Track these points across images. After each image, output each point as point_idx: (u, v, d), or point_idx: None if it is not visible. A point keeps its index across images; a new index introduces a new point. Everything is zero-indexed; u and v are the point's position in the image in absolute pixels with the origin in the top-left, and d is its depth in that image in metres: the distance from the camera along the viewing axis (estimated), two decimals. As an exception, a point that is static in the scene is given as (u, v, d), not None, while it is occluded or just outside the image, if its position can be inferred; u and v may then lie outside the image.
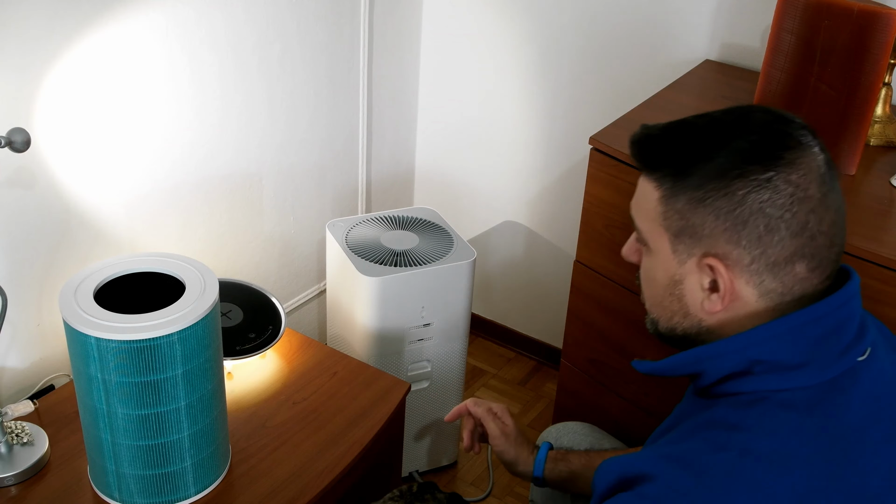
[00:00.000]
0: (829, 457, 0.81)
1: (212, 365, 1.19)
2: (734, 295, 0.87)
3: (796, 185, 0.84)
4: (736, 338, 0.87)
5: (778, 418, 0.83)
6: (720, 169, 0.85)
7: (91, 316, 1.09)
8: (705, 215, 0.86)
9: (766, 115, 0.88)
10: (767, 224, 0.84)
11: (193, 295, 1.15)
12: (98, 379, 1.11)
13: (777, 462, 0.80)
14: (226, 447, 1.31)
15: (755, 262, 0.85)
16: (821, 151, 0.87)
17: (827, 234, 0.86)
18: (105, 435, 1.16)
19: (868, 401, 0.86)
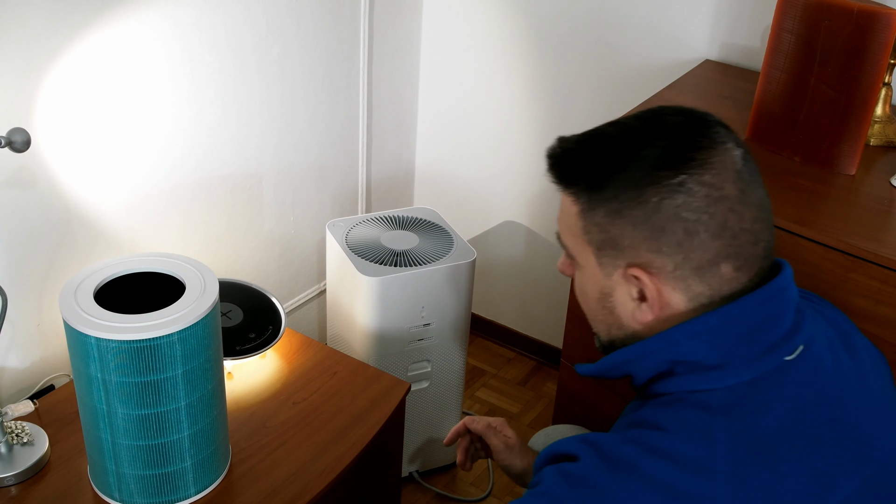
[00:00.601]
0: (741, 461, 0.80)
1: (212, 365, 1.19)
2: (663, 303, 0.86)
3: (710, 185, 0.82)
4: (654, 338, 0.87)
5: (689, 419, 0.83)
6: (632, 178, 0.84)
7: (91, 316, 1.09)
8: (623, 226, 0.85)
9: (677, 117, 0.87)
10: (686, 228, 0.83)
11: (193, 295, 1.15)
12: (98, 379, 1.11)
13: (682, 463, 0.79)
14: (226, 447, 1.31)
15: (679, 267, 0.84)
16: (736, 147, 0.85)
17: (750, 231, 0.84)
18: (105, 435, 1.16)
19: (789, 403, 0.84)
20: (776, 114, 1.44)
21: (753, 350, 0.85)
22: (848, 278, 1.23)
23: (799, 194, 1.33)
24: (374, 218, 1.88)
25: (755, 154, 1.46)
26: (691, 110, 0.89)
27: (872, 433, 0.88)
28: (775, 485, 0.80)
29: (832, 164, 1.39)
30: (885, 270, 1.19)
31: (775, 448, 0.81)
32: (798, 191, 1.34)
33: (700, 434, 0.81)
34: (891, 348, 1.22)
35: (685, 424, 0.82)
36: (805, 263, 1.26)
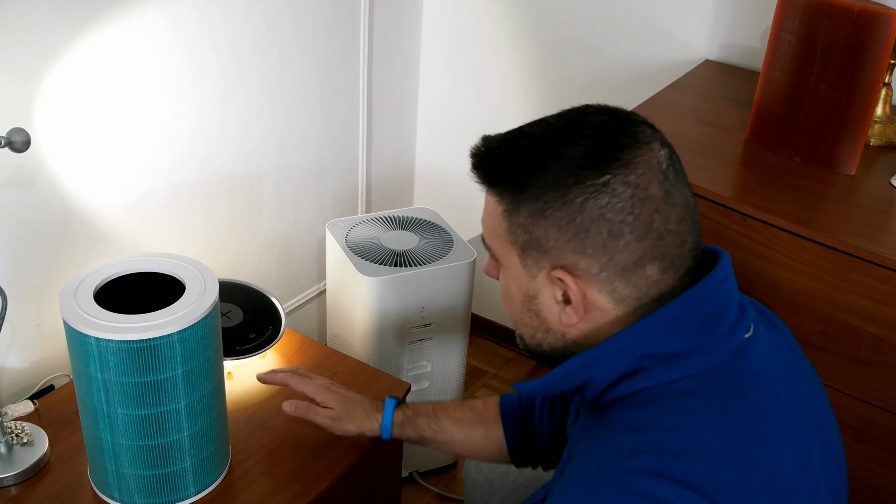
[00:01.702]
0: (740, 441, 0.79)
1: (211, 365, 1.18)
2: (589, 305, 0.85)
3: (635, 185, 0.81)
4: (620, 335, 0.84)
5: (683, 409, 0.81)
6: (556, 178, 0.82)
7: (91, 316, 1.09)
8: (547, 227, 0.83)
9: (601, 116, 0.86)
10: (610, 230, 0.81)
11: (193, 295, 1.15)
12: (98, 379, 1.11)
13: (696, 454, 0.77)
14: (226, 447, 1.31)
15: (604, 269, 0.83)
16: (661, 146, 0.84)
17: (676, 233, 0.83)
18: (105, 435, 1.16)
19: (761, 380, 0.85)
20: (776, 114, 1.44)
21: (718, 332, 0.84)
22: (848, 278, 1.23)
23: (799, 194, 1.33)
24: (374, 218, 1.88)
25: (755, 154, 1.46)
26: (615, 109, 0.87)
27: (817, 399, 0.91)
28: (773, 460, 0.80)
29: (832, 164, 1.39)
30: (885, 270, 1.19)
31: (761, 425, 0.81)
32: (798, 191, 1.34)
33: (701, 421, 0.79)
34: (891, 348, 1.22)
35: (682, 416, 0.80)
36: (805, 263, 1.26)
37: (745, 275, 1.32)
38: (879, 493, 1.31)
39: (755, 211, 1.29)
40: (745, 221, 1.30)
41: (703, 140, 1.49)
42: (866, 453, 1.30)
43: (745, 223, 1.30)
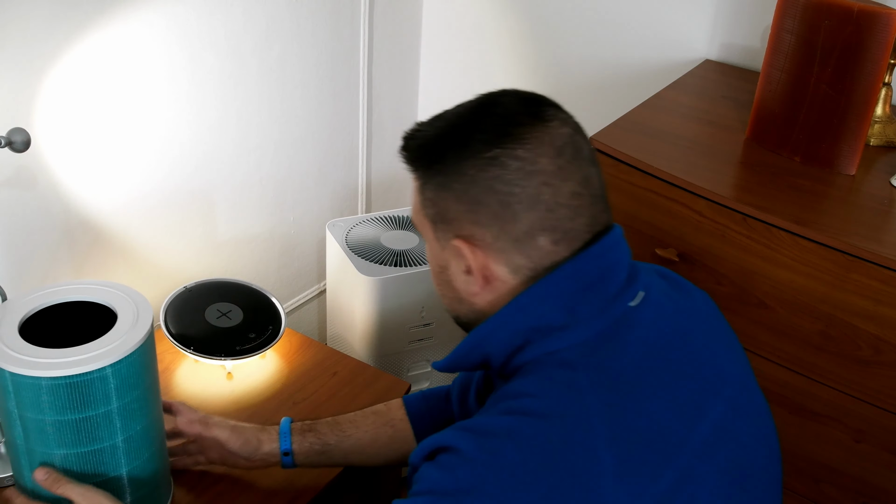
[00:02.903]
0: (610, 403, 0.83)
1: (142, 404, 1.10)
2: (489, 275, 0.90)
3: (523, 159, 0.85)
4: (500, 312, 0.89)
5: (554, 378, 0.85)
6: (457, 154, 0.88)
7: (10, 349, 1.03)
8: (449, 199, 0.89)
9: (508, 98, 0.91)
10: (500, 200, 0.86)
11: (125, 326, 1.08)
12: (15, 415, 1.05)
13: (557, 417, 0.81)
14: (167, 484, 1.25)
15: (498, 239, 0.88)
16: (563, 125, 0.89)
17: (568, 206, 0.87)
18: (27, 472, 1.10)
19: (643, 344, 0.88)
20: (776, 114, 1.44)
21: (597, 302, 0.88)
22: (848, 278, 1.23)
23: (799, 194, 1.34)
24: (375, 218, 1.88)
25: (755, 154, 1.46)
26: (527, 93, 0.92)
27: (723, 361, 0.94)
28: (644, 421, 0.83)
29: (832, 164, 1.39)
30: (885, 270, 1.19)
31: (636, 387, 0.85)
32: (798, 191, 1.34)
33: (567, 389, 0.84)
34: (891, 348, 1.22)
35: (552, 384, 0.85)
36: (805, 263, 1.26)
37: (745, 275, 1.32)
38: (879, 493, 1.31)
39: (755, 211, 1.29)
40: (745, 221, 1.30)
41: (703, 140, 1.49)
42: (866, 453, 1.30)
43: (745, 223, 1.30)
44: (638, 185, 1.41)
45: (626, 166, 1.42)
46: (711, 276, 1.36)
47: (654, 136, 1.49)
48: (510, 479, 0.79)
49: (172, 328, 1.50)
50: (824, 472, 1.35)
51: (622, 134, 1.48)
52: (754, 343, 1.35)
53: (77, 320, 1.14)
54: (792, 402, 1.34)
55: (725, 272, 1.35)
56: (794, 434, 1.36)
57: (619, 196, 1.45)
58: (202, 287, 1.60)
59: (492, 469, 0.80)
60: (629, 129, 1.51)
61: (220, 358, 1.48)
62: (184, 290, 1.58)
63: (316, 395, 1.50)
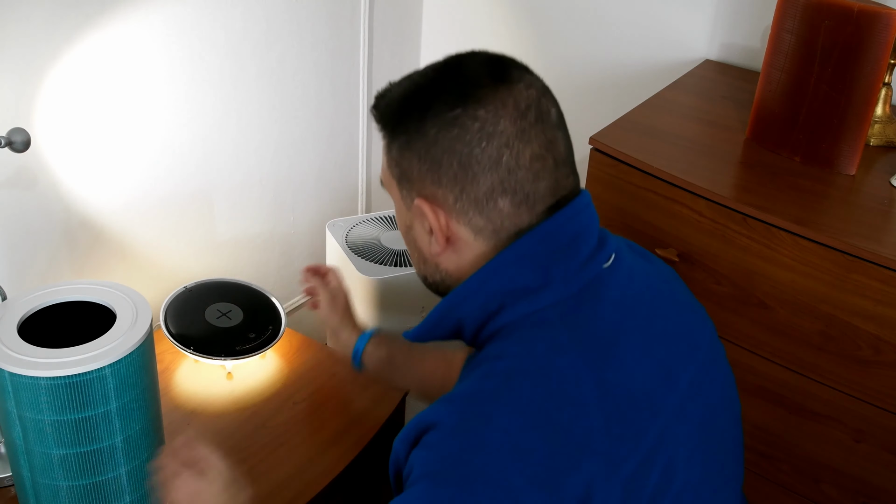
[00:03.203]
0: (592, 360, 0.82)
1: (140, 404, 1.11)
2: (451, 235, 0.90)
3: (484, 119, 0.85)
4: (474, 276, 0.88)
5: (533, 338, 0.84)
6: (420, 113, 0.88)
7: (10, 350, 1.03)
8: (411, 159, 0.89)
9: (475, 59, 0.91)
10: (460, 161, 0.86)
11: (124, 326, 1.08)
12: (15, 415, 1.05)
13: (543, 376, 0.81)
14: None
15: (458, 200, 0.87)
16: (528, 87, 0.88)
17: (529, 169, 0.86)
18: (25, 472, 1.10)
19: (618, 305, 0.88)
20: (776, 114, 1.44)
21: (572, 264, 0.87)
22: (848, 278, 1.23)
23: (799, 194, 1.33)
24: (374, 218, 1.88)
25: (755, 154, 1.46)
26: (495, 54, 0.92)
27: (692, 325, 0.95)
28: (627, 380, 0.83)
29: (832, 164, 1.39)
30: (885, 270, 1.19)
31: (615, 345, 0.85)
32: (798, 191, 1.34)
33: (550, 347, 0.83)
34: (891, 348, 1.22)
35: (532, 343, 0.84)
36: (805, 263, 1.26)
37: (745, 275, 1.32)
38: (879, 493, 1.31)
39: (755, 211, 1.29)
40: (745, 221, 1.30)
41: (703, 140, 1.49)
42: (866, 453, 1.30)
43: (745, 223, 1.30)
44: (638, 185, 1.41)
45: (626, 166, 1.42)
46: (711, 276, 1.36)
47: (654, 136, 1.49)
48: (501, 444, 0.77)
49: (172, 328, 1.50)
50: (824, 472, 1.35)
51: (622, 134, 1.48)
52: (754, 343, 1.35)
53: (76, 320, 1.14)
54: (792, 402, 1.34)
55: (725, 272, 1.35)
56: (794, 434, 1.36)
57: (619, 196, 1.45)
58: (202, 287, 1.60)
59: (480, 437, 0.77)
60: (629, 129, 1.51)
61: (220, 358, 1.48)
62: (184, 290, 1.58)
63: (316, 395, 1.50)
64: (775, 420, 1.37)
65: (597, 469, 0.77)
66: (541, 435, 0.77)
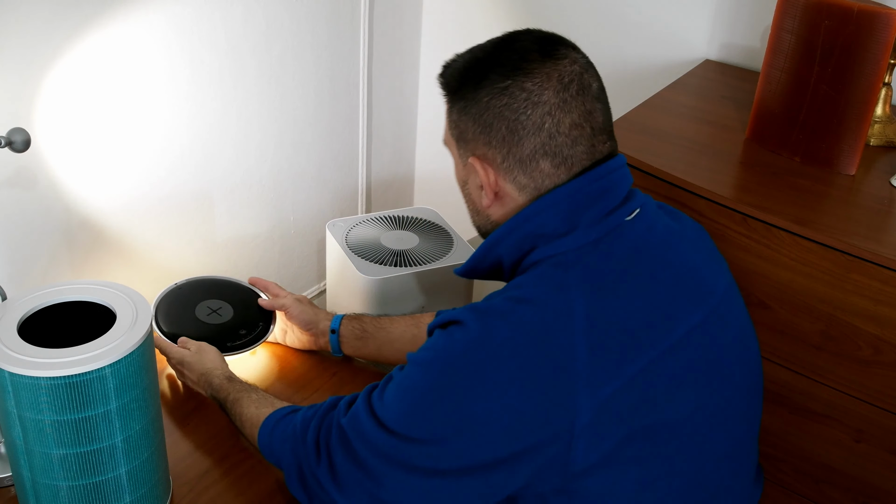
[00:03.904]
0: (593, 298, 0.96)
1: (140, 404, 1.10)
2: (500, 191, 1.05)
3: (530, 90, 0.99)
4: (510, 220, 1.04)
5: (547, 275, 0.99)
6: (476, 83, 1.02)
7: (10, 350, 1.03)
8: (468, 122, 1.04)
9: (527, 36, 1.05)
10: (508, 126, 1.01)
11: (124, 326, 1.08)
12: (15, 415, 1.04)
13: (543, 305, 0.96)
14: (166, 483, 1.25)
15: (506, 160, 1.03)
16: (573, 63, 1.02)
17: (567, 135, 1.01)
18: (25, 472, 1.09)
19: (632, 252, 1.01)
20: (776, 114, 1.44)
21: (596, 214, 1.01)
22: (848, 278, 1.23)
23: (799, 194, 1.33)
24: (375, 218, 1.88)
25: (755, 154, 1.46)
26: (546, 33, 1.06)
27: (706, 276, 1.06)
28: (620, 316, 0.97)
29: (832, 164, 1.39)
30: (885, 270, 1.19)
31: (619, 283, 0.98)
32: (798, 191, 1.34)
33: (557, 285, 0.97)
34: (891, 348, 1.22)
35: (544, 279, 0.99)
36: (805, 263, 1.26)
37: (745, 275, 1.32)
38: (879, 493, 1.31)
39: (755, 211, 1.29)
40: (745, 221, 1.30)
41: (703, 140, 1.49)
42: (866, 453, 1.30)
43: (745, 223, 1.30)
44: (638, 185, 1.41)
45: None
46: (711, 276, 1.36)
47: (654, 136, 1.49)
48: (496, 350, 0.94)
49: (163, 325, 1.50)
50: (824, 472, 1.35)
51: (622, 134, 1.48)
52: (754, 343, 1.35)
53: (76, 320, 1.14)
54: (792, 402, 1.34)
55: (725, 272, 1.35)
56: (794, 434, 1.36)
57: (618, 196, 1.45)
58: (192, 284, 1.60)
59: (483, 341, 0.95)
60: (629, 129, 1.51)
61: None
62: (174, 288, 1.58)
63: (316, 395, 1.50)
64: (775, 420, 1.37)
65: (576, 388, 0.93)
66: (526, 351, 0.94)
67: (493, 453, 0.94)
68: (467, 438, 0.94)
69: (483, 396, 0.93)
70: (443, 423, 0.95)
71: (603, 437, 0.93)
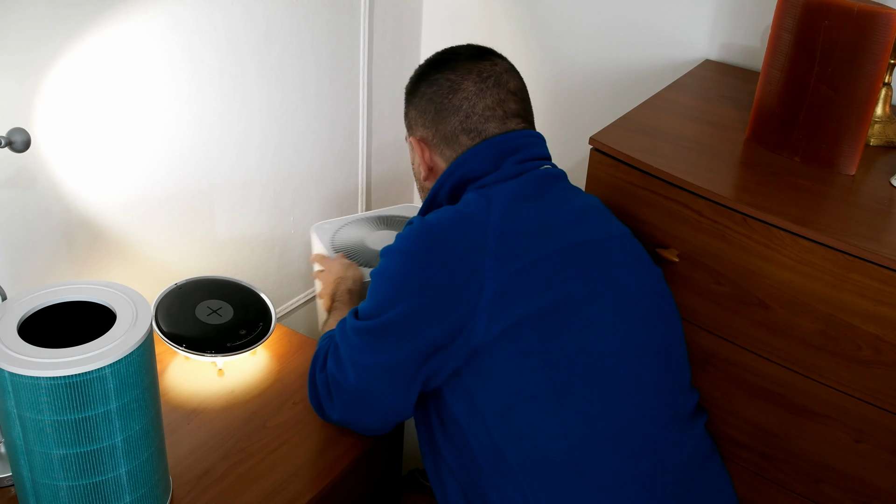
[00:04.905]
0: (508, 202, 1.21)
1: (140, 404, 1.11)
2: (433, 164, 1.33)
3: (453, 80, 1.30)
4: (447, 169, 1.30)
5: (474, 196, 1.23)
6: (418, 80, 1.35)
7: (10, 350, 1.03)
8: (411, 110, 1.35)
9: (465, 47, 1.35)
10: (436, 108, 1.30)
11: (124, 326, 1.08)
12: (15, 415, 1.05)
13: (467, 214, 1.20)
14: (166, 483, 1.25)
15: (435, 137, 1.32)
16: (494, 65, 1.31)
17: (481, 115, 1.29)
18: (25, 472, 1.10)
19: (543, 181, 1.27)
20: (776, 114, 1.44)
21: (517, 158, 1.27)
22: (848, 278, 1.23)
23: (799, 194, 1.33)
24: (362, 219, 1.85)
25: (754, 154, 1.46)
26: (482, 47, 1.36)
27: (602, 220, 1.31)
28: (532, 215, 1.21)
29: (832, 164, 1.39)
30: (885, 270, 1.19)
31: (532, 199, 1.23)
32: (798, 191, 1.34)
33: (481, 201, 1.21)
34: (891, 348, 1.22)
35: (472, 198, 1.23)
36: (805, 263, 1.26)
37: (744, 275, 1.32)
38: (879, 493, 1.31)
39: (755, 211, 1.29)
40: (745, 221, 1.30)
41: (703, 140, 1.49)
42: (866, 453, 1.30)
43: (745, 223, 1.30)
44: (638, 185, 1.41)
45: (626, 166, 1.42)
46: (711, 276, 1.36)
47: (654, 136, 1.49)
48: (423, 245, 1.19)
49: (163, 325, 1.50)
50: (824, 472, 1.35)
51: (622, 134, 1.48)
52: (754, 343, 1.35)
53: (76, 320, 1.14)
54: (792, 402, 1.34)
55: (725, 272, 1.35)
56: (794, 434, 1.36)
57: (618, 196, 1.45)
58: (192, 284, 1.60)
59: (413, 237, 1.20)
60: (629, 129, 1.51)
61: (211, 355, 1.48)
62: (174, 288, 1.58)
63: (316, 395, 1.50)
64: (775, 420, 1.37)
65: (484, 266, 1.15)
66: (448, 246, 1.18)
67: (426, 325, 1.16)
68: (408, 307, 1.16)
69: (417, 271, 1.17)
70: (391, 296, 1.18)
71: (502, 312, 1.14)
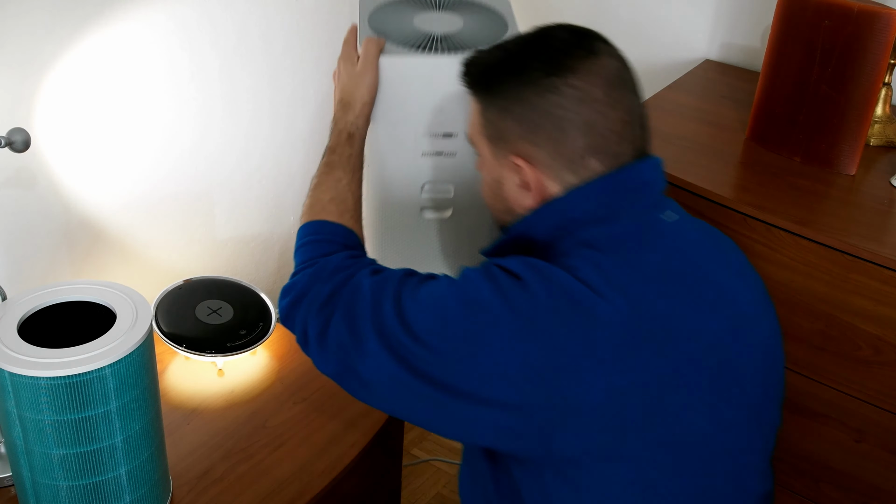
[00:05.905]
0: (630, 285, 0.93)
1: (140, 404, 1.10)
2: (542, 190, 1.00)
3: (578, 88, 0.95)
4: (548, 204, 1.00)
5: (580, 254, 0.96)
6: (517, 81, 0.98)
7: (10, 349, 1.03)
8: (508, 121, 0.99)
9: (563, 32, 1.02)
10: (556, 124, 0.96)
11: (124, 326, 1.08)
12: (14, 415, 1.04)
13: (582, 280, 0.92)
14: (165, 483, 1.25)
15: (552, 158, 0.98)
16: (613, 59, 0.99)
17: (616, 132, 0.97)
18: (25, 472, 1.10)
19: (673, 248, 0.99)
20: (776, 114, 1.44)
21: (637, 206, 0.99)
22: (848, 278, 1.23)
23: (799, 194, 1.34)
24: None
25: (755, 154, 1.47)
26: (577, 27, 1.03)
27: (734, 289, 1.02)
28: (666, 308, 0.94)
29: (832, 164, 1.39)
30: (885, 270, 1.19)
31: (662, 279, 0.95)
32: (798, 191, 1.34)
33: (591, 264, 0.94)
34: (891, 348, 1.22)
35: (577, 258, 0.95)
36: (805, 263, 1.26)
37: (745, 275, 1.33)
38: (879, 493, 1.31)
39: (755, 211, 1.29)
40: (745, 221, 1.30)
41: (703, 140, 1.49)
42: (866, 453, 1.30)
43: (745, 223, 1.30)
44: (638, 185, 1.41)
45: (626, 166, 1.42)
46: (711, 276, 1.36)
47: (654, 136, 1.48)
48: (545, 314, 0.91)
49: (163, 325, 1.50)
50: (824, 472, 1.35)
51: (622, 134, 1.48)
52: (754, 343, 1.35)
53: (76, 320, 1.14)
54: (792, 402, 1.34)
55: (725, 272, 1.35)
56: (794, 434, 1.36)
57: (618, 196, 1.45)
58: (192, 284, 1.60)
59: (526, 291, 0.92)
60: (629, 129, 1.51)
61: (211, 355, 1.48)
62: (174, 288, 1.58)
63: (316, 394, 1.50)
64: (775, 420, 1.37)
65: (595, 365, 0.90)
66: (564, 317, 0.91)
67: (482, 388, 0.92)
68: (470, 364, 0.92)
69: (508, 337, 0.91)
70: (458, 340, 0.93)
71: (603, 424, 0.91)
